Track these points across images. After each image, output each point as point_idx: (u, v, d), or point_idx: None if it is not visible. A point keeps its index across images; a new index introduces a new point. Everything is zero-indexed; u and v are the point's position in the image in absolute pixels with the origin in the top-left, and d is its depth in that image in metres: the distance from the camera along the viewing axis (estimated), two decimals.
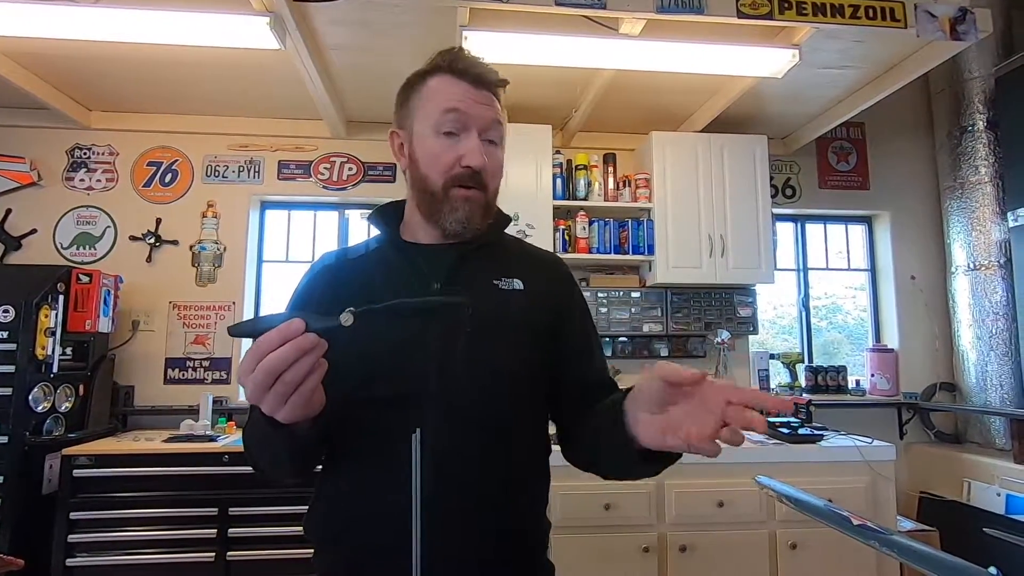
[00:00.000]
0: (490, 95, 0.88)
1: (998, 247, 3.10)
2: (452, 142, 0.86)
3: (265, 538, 2.44)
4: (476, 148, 0.85)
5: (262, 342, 0.60)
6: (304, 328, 0.60)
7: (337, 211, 3.45)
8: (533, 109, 3.12)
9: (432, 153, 0.87)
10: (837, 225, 3.73)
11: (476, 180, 0.86)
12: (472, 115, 0.86)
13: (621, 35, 2.28)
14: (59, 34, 2.21)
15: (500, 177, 0.92)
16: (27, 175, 3.07)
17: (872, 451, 2.44)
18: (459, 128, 0.86)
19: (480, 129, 0.86)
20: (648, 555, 2.25)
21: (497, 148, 0.90)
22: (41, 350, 2.46)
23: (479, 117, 0.86)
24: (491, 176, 0.88)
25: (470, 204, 0.86)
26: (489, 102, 0.88)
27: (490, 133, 0.88)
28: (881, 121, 3.56)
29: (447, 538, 0.77)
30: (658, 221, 3.10)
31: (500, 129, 0.89)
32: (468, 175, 0.85)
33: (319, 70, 2.57)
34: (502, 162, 0.92)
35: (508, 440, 0.84)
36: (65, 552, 2.38)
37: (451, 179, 0.86)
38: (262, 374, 0.59)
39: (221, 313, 3.15)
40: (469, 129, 0.86)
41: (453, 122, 0.85)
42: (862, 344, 3.69)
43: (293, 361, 0.59)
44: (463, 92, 0.86)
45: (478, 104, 0.86)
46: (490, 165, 0.87)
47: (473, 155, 0.84)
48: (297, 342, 0.59)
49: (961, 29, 2.21)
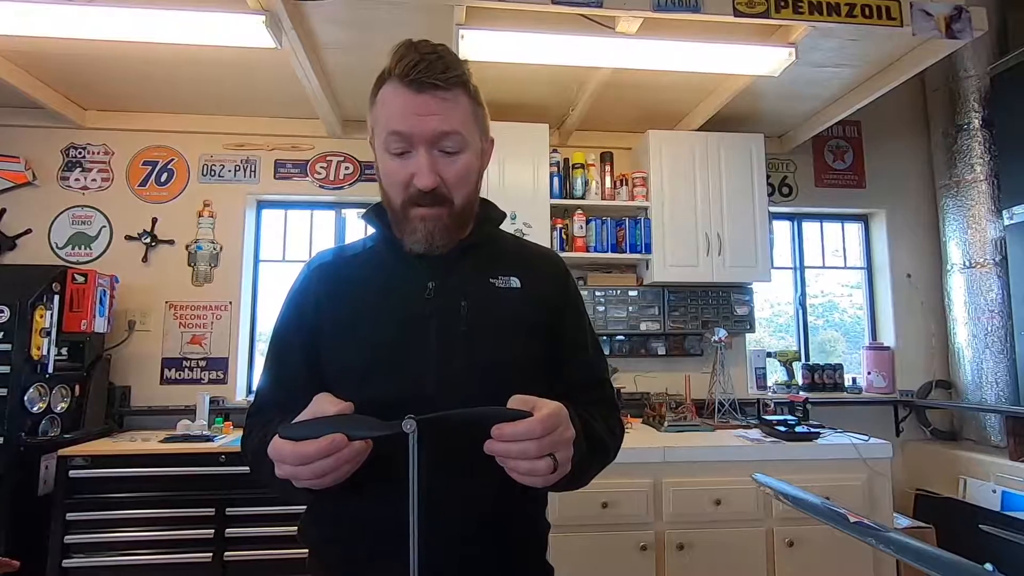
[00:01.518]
0: (437, 100, 0.79)
1: (993, 245, 3.12)
2: (403, 160, 0.81)
3: (262, 538, 2.44)
4: (424, 167, 0.79)
5: (309, 452, 0.66)
6: (347, 442, 0.66)
7: (334, 210, 3.45)
8: (530, 108, 3.11)
9: (387, 172, 0.84)
10: (833, 223, 3.74)
11: (433, 198, 0.81)
12: (416, 133, 0.79)
13: (618, 34, 2.28)
14: (54, 33, 2.20)
15: (470, 183, 0.85)
16: (22, 175, 3.06)
17: (868, 449, 2.45)
18: (406, 147, 0.81)
19: (428, 142, 0.80)
20: (646, 553, 2.26)
21: (458, 156, 0.82)
22: (36, 350, 2.44)
23: (424, 132, 0.79)
24: (454, 186, 0.83)
25: (428, 224, 0.82)
26: (437, 108, 0.79)
27: (444, 143, 0.81)
28: (877, 119, 3.57)
29: (445, 540, 0.76)
30: (655, 220, 3.10)
31: (457, 135, 0.81)
32: (421, 195, 0.81)
33: (315, 69, 2.57)
34: (468, 166, 0.84)
35: None
36: (61, 553, 2.37)
37: (407, 199, 0.82)
38: (308, 472, 0.67)
39: (217, 313, 3.14)
40: (416, 147, 0.80)
41: (398, 143, 0.81)
42: (858, 342, 3.70)
43: (334, 468, 0.67)
44: (403, 107, 0.79)
45: (422, 117, 0.79)
46: (449, 175, 0.82)
47: (422, 175, 0.80)
48: (341, 455, 0.67)
49: (957, 27, 2.22)
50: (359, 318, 0.85)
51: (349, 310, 0.86)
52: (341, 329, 0.86)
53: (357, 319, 0.85)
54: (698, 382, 3.16)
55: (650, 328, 3.24)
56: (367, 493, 0.79)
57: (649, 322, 3.25)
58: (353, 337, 0.85)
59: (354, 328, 0.85)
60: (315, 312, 0.88)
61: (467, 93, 0.83)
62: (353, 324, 0.85)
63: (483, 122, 0.88)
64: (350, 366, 0.84)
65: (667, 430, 2.73)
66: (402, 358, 0.82)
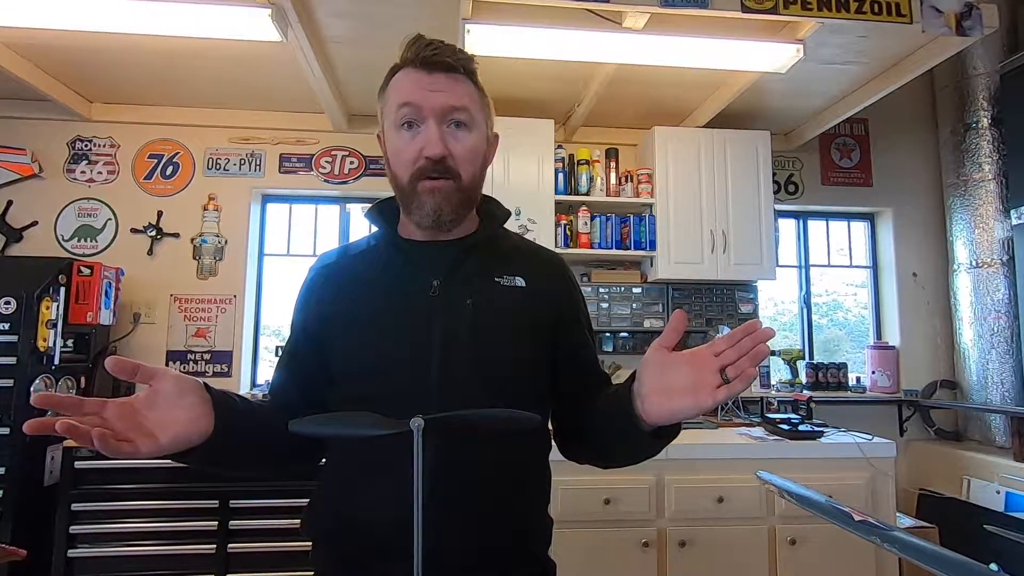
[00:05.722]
0: (447, 78, 0.83)
1: (1001, 245, 3.09)
2: (412, 134, 0.83)
3: (266, 530, 2.44)
4: (434, 136, 0.81)
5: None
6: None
7: (339, 205, 3.45)
8: (535, 103, 3.10)
9: (396, 149, 0.84)
10: (839, 222, 3.72)
11: (442, 169, 0.82)
12: (426, 105, 0.81)
13: (624, 29, 2.26)
14: (61, 25, 2.20)
15: (476, 162, 0.86)
16: (28, 167, 3.07)
17: (872, 448, 2.44)
18: (415, 119, 0.82)
19: (438, 116, 0.82)
20: (647, 550, 2.26)
21: (467, 131, 0.84)
22: (43, 342, 2.46)
23: (434, 104, 0.81)
24: (462, 161, 0.83)
25: (438, 195, 0.82)
26: (446, 86, 0.82)
27: (453, 116, 0.83)
28: (885, 117, 3.54)
29: (448, 536, 0.76)
30: (660, 216, 3.09)
31: (466, 112, 0.83)
32: (431, 166, 0.81)
33: (320, 63, 2.56)
34: (475, 145, 0.85)
35: (509, 436, 0.83)
36: (67, 543, 2.38)
37: (416, 172, 0.82)
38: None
39: (222, 306, 3.15)
40: (425, 119, 0.82)
41: (408, 115, 0.82)
42: (863, 341, 3.68)
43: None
44: (415, 82, 0.82)
45: (431, 92, 0.81)
46: (458, 150, 0.83)
47: (431, 144, 0.81)
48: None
49: (967, 25, 2.20)
50: (364, 316, 0.86)
51: (354, 308, 0.87)
52: (346, 327, 0.86)
53: (362, 317, 0.86)
54: None
55: (654, 325, 3.24)
56: (371, 488, 0.80)
57: (653, 319, 3.24)
58: (358, 335, 0.85)
59: (359, 326, 0.85)
60: (320, 312, 0.89)
61: (474, 82, 0.86)
62: (358, 322, 0.86)
63: (489, 112, 0.90)
64: (355, 363, 0.85)
65: None
66: (406, 356, 0.82)
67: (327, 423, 0.68)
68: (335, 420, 0.69)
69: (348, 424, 0.68)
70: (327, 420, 0.69)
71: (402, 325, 0.84)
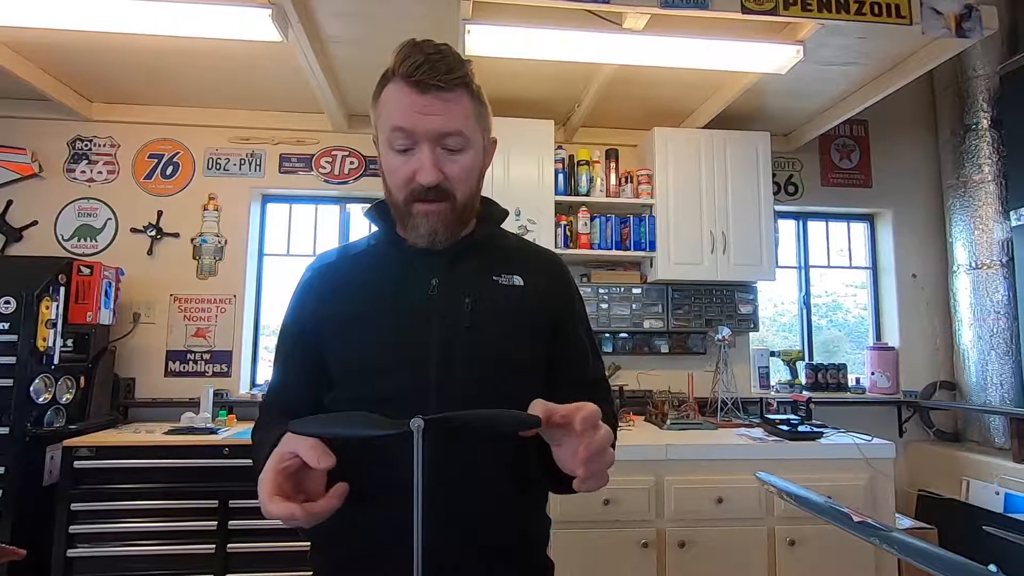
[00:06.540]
0: (441, 101, 0.80)
1: (1000, 246, 3.10)
2: (406, 158, 0.82)
3: (265, 530, 2.44)
4: (428, 163, 0.80)
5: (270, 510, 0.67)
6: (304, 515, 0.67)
7: (338, 205, 3.45)
8: (535, 104, 3.10)
9: (391, 168, 0.84)
10: (839, 223, 3.73)
11: (436, 193, 0.82)
12: (419, 129, 0.80)
13: (625, 30, 2.26)
14: (61, 25, 2.20)
15: (472, 180, 0.86)
16: (28, 166, 3.07)
17: (871, 449, 2.44)
18: (409, 144, 0.81)
19: (432, 140, 0.81)
20: (647, 550, 2.26)
21: (461, 154, 0.83)
22: (42, 342, 2.46)
23: (427, 129, 0.80)
24: (456, 182, 0.83)
25: (432, 218, 0.83)
26: (440, 109, 0.80)
27: (447, 141, 0.82)
28: (884, 118, 3.54)
29: (447, 536, 0.76)
30: (660, 217, 3.09)
31: (460, 135, 0.82)
32: (424, 191, 0.82)
33: (321, 63, 2.57)
34: (471, 164, 0.85)
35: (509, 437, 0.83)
36: (66, 543, 2.39)
37: (410, 194, 0.83)
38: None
39: (222, 306, 3.15)
40: (419, 144, 0.81)
41: (401, 140, 0.81)
42: (862, 342, 3.68)
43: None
44: (408, 105, 0.80)
45: (425, 116, 0.80)
46: (453, 171, 0.83)
47: (425, 171, 0.80)
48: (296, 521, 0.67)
49: (967, 26, 2.20)
50: (363, 316, 0.86)
51: (353, 308, 0.87)
52: (345, 327, 0.86)
53: (361, 316, 0.86)
54: (701, 380, 3.16)
55: (653, 326, 3.24)
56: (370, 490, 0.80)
57: (652, 320, 3.24)
58: (357, 334, 0.85)
59: (358, 325, 0.86)
60: (318, 311, 0.89)
61: (469, 93, 0.84)
62: (357, 321, 0.86)
63: (485, 121, 0.89)
64: (354, 363, 0.85)
65: (669, 428, 2.73)
66: (405, 355, 0.82)
67: (327, 423, 0.68)
68: (335, 420, 0.69)
69: (348, 424, 0.68)
70: (327, 420, 0.69)
71: (401, 325, 0.84)
